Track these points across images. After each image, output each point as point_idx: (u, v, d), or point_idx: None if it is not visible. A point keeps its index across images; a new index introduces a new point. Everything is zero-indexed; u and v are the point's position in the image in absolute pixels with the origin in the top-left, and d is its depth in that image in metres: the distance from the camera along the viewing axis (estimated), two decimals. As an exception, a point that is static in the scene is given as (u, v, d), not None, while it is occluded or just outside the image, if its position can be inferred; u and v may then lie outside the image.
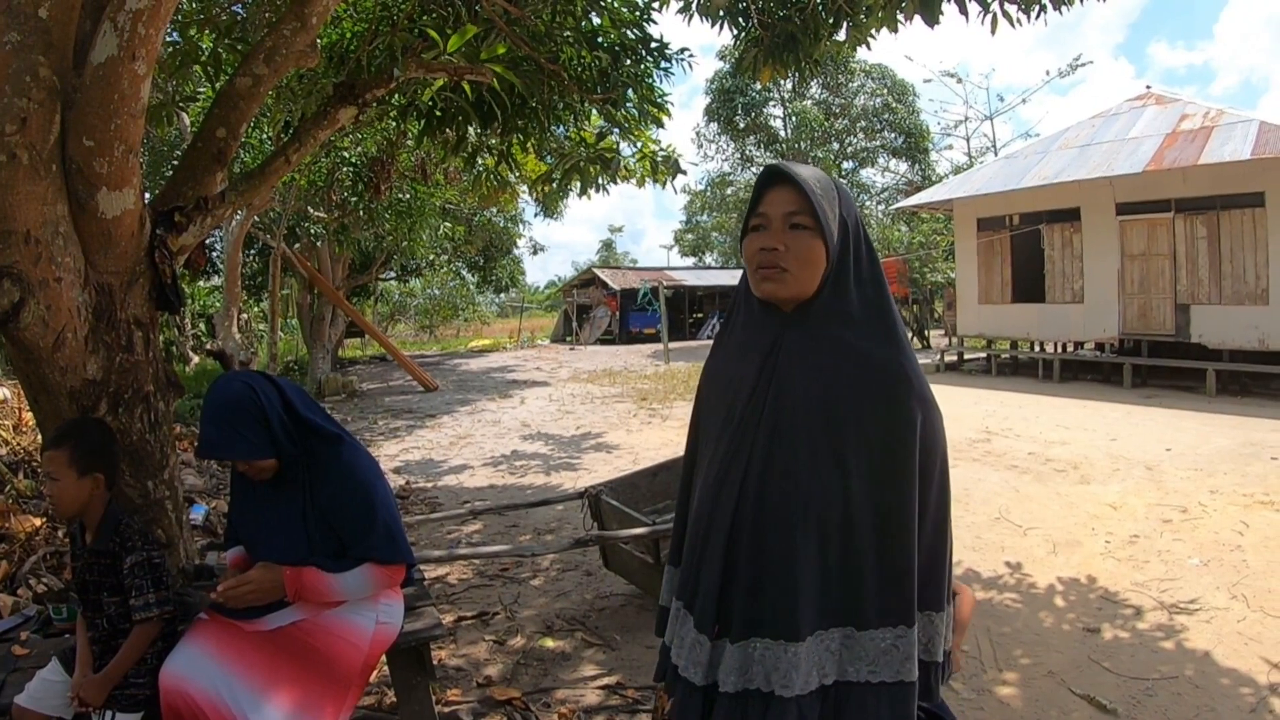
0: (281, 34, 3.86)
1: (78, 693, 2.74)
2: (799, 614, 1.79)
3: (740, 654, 1.84)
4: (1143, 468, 9.04)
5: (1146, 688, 4.31)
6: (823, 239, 1.86)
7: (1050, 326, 18.72)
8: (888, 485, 1.80)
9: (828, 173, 2.30)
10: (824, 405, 1.83)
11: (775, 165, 1.94)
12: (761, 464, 1.88)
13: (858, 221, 1.94)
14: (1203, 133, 15.79)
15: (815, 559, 1.81)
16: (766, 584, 1.84)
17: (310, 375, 20.21)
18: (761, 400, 1.91)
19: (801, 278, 1.87)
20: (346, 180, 13.76)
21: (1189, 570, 5.95)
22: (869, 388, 1.82)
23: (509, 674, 4.62)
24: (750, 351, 1.98)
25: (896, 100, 38.19)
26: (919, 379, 1.86)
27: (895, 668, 1.79)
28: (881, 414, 1.81)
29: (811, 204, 1.84)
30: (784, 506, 1.83)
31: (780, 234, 1.89)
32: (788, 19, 6.12)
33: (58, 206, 3.03)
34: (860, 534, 1.80)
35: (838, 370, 1.84)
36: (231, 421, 2.81)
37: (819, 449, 1.82)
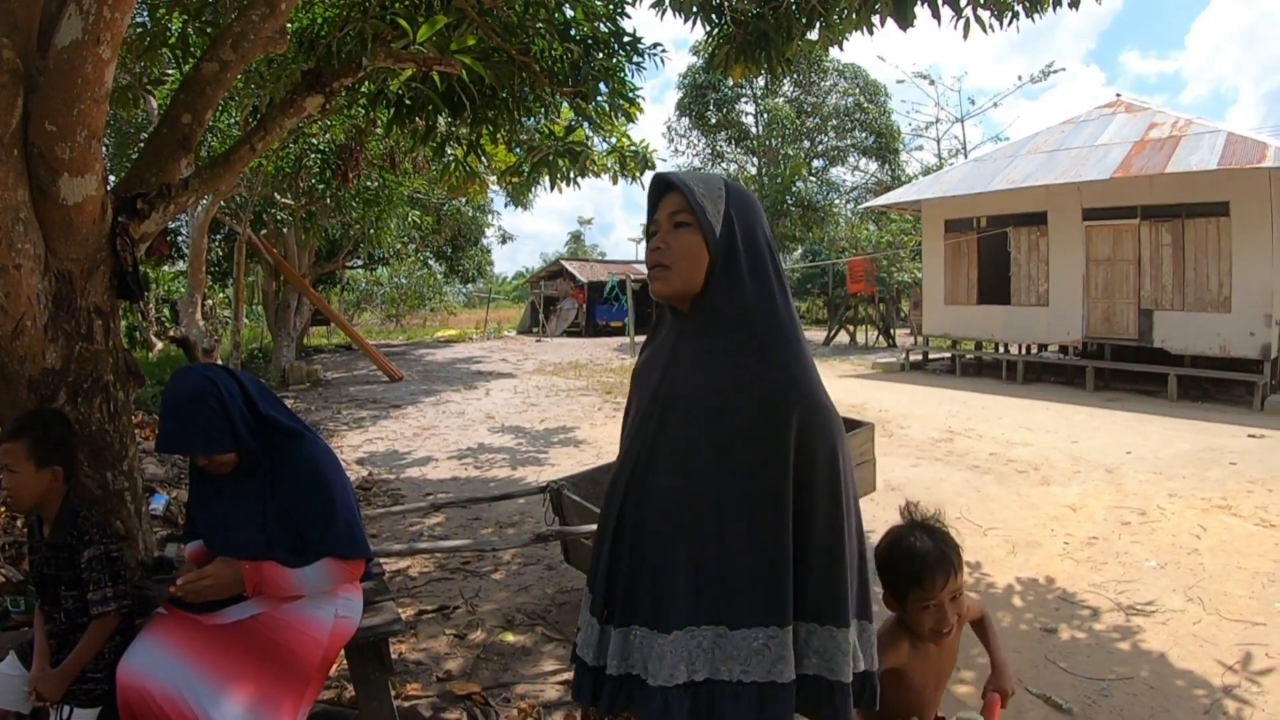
0: (250, 19, 3.81)
1: (35, 687, 2.71)
2: (670, 606, 1.87)
3: (622, 640, 1.94)
4: (1103, 470, 9.14)
5: (1102, 688, 4.36)
6: (704, 235, 1.93)
7: (1015, 328, 18.88)
8: (760, 486, 1.84)
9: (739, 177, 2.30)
10: (706, 405, 1.89)
11: (660, 173, 2.04)
12: (648, 461, 1.96)
13: (754, 218, 1.99)
14: (1171, 142, 15.98)
15: (688, 554, 1.87)
16: (643, 575, 1.93)
17: (275, 363, 20.06)
18: (657, 400, 1.99)
19: (683, 273, 1.94)
20: (314, 167, 13.63)
21: (1146, 572, 6.01)
22: (745, 388, 1.86)
23: (469, 669, 4.60)
24: (659, 353, 2.07)
25: (868, 100, 38.25)
26: (802, 379, 1.89)
27: (766, 668, 1.82)
28: (755, 414, 1.85)
29: (690, 202, 1.93)
30: (662, 503, 1.92)
31: (665, 234, 1.97)
32: (761, 17, 6.11)
33: (18, 192, 2.98)
34: (733, 533, 1.85)
35: (719, 370, 1.90)
36: (191, 415, 2.78)
37: (699, 448, 1.89)
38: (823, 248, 38.71)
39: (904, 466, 9.35)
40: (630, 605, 1.94)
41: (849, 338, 29.94)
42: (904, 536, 2.32)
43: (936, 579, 2.18)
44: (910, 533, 2.31)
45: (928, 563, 2.21)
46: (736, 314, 1.90)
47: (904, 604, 2.27)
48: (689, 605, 1.85)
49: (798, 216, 35.60)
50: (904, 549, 2.27)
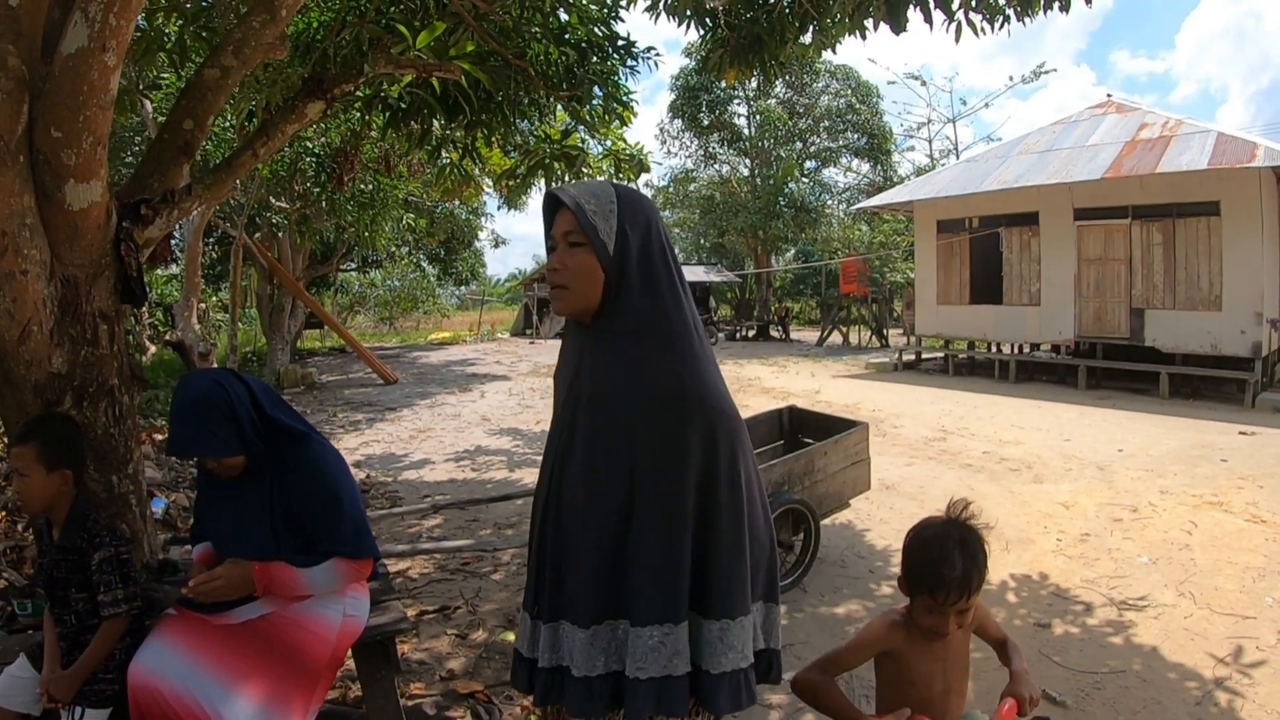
0: (250, 26, 3.84)
1: (47, 689, 2.73)
2: (582, 602, 2.00)
3: (550, 634, 2.07)
4: (1095, 468, 9.19)
5: (1095, 681, 4.40)
6: (596, 254, 1.99)
7: (1007, 328, 18.95)
8: (660, 487, 1.94)
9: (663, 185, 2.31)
10: (610, 411, 1.99)
11: (551, 190, 2.09)
12: (563, 464, 2.08)
13: (646, 230, 2.04)
14: (1161, 141, 16.07)
15: (597, 552, 1.99)
16: (564, 573, 2.05)
17: (269, 366, 20.04)
18: (566, 409, 2.11)
19: (580, 292, 2.01)
20: (309, 170, 13.65)
21: (1138, 568, 6.06)
22: (645, 393, 1.95)
23: (471, 668, 4.63)
24: (568, 361, 2.17)
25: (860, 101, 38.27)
26: (700, 389, 1.96)
27: (662, 664, 1.92)
28: (655, 418, 1.94)
29: (581, 222, 1.98)
30: (572, 508, 2.05)
31: (562, 253, 2.03)
32: (754, 21, 6.15)
33: (24, 198, 3.01)
34: (635, 532, 1.95)
35: (620, 377, 1.99)
36: (201, 419, 2.81)
37: (604, 452, 1.99)
38: (815, 249, 38.79)
39: (898, 465, 9.40)
40: (556, 602, 2.07)
41: (842, 338, 30.01)
42: (938, 540, 2.24)
43: (950, 595, 2.17)
44: (946, 539, 2.23)
45: (947, 579, 2.17)
46: (633, 326, 1.99)
47: (912, 598, 2.28)
48: (600, 602, 1.99)
49: (790, 218, 35.61)
50: (933, 553, 2.22)
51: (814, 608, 5.48)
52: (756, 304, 37.98)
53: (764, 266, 38.15)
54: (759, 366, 21.22)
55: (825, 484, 6.03)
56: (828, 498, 6.10)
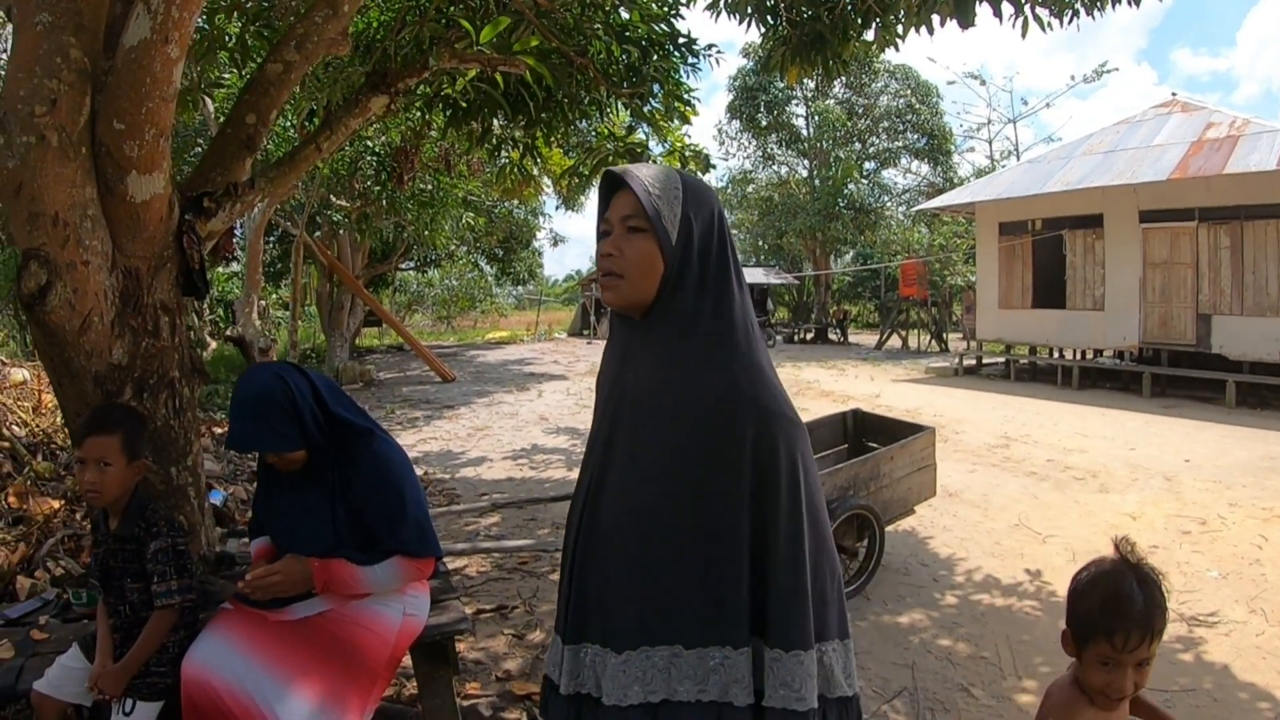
0: (313, 21, 3.85)
1: (96, 682, 2.73)
2: (621, 624, 1.80)
3: (573, 658, 1.88)
4: (1161, 478, 8.97)
5: (1165, 699, 4.25)
6: (659, 242, 1.82)
7: (1070, 333, 18.62)
8: (713, 500, 1.76)
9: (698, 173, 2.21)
10: (657, 419, 1.82)
11: (612, 169, 1.91)
12: (601, 475, 1.90)
13: (710, 221, 1.87)
14: (1228, 141, 15.67)
15: (638, 570, 1.80)
16: (593, 592, 1.87)
17: (328, 363, 20.27)
18: (609, 411, 1.93)
19: (636, 283, 1.84)
20: (370, 169, 13.78)
21: (1208, 583, 5.89)
22: (697, 400, 1.78)
23: (528, 669, 4.60)
24: (612, 360, 1.99)
25: (919, 101, 37.98)
26: (757, 391, 1.79)
27: (722, 688, 1.74)
28: (708, 428, 1.76)
29: (645, 206, 1.81)
30: (613, 519, 1.85)
31: (618, 239, 1.85)
32: (816, 18, 6.07)
33: (86, 189, 3.02)
34: (685, 549, 1.77)
35: (670, 383, 1.81)
36: (262, 414, 2.79)
37: (649, 463, 1.82)
38: (874, 251, 38.50)
39: (960, 472, 9.25)
40: (581, 624, 1.89)
41: (901, 342, 29.74)
42: (1112, 577, 1.95)
43: (1130, 638, 1.86)
44: (1121, 575, 1.94)
45: (1129, 617, 1.87)
46: (689, 325, 1.82)
47: (1082, 651, 1.97)
48: (641, 624, 1.79)
49: (849, 219, 35.38)
50: (1107, 592, 1.93)
51: (877, 616, 5.38)
52: (814, 306, 37.75)
53: (822, 268, 37.92)
54: (817, 369, 21.06)
55: (890, 489, 5.94)
56: (893, 504, 6.00)
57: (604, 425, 1.94)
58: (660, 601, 1.77)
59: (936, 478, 6.50)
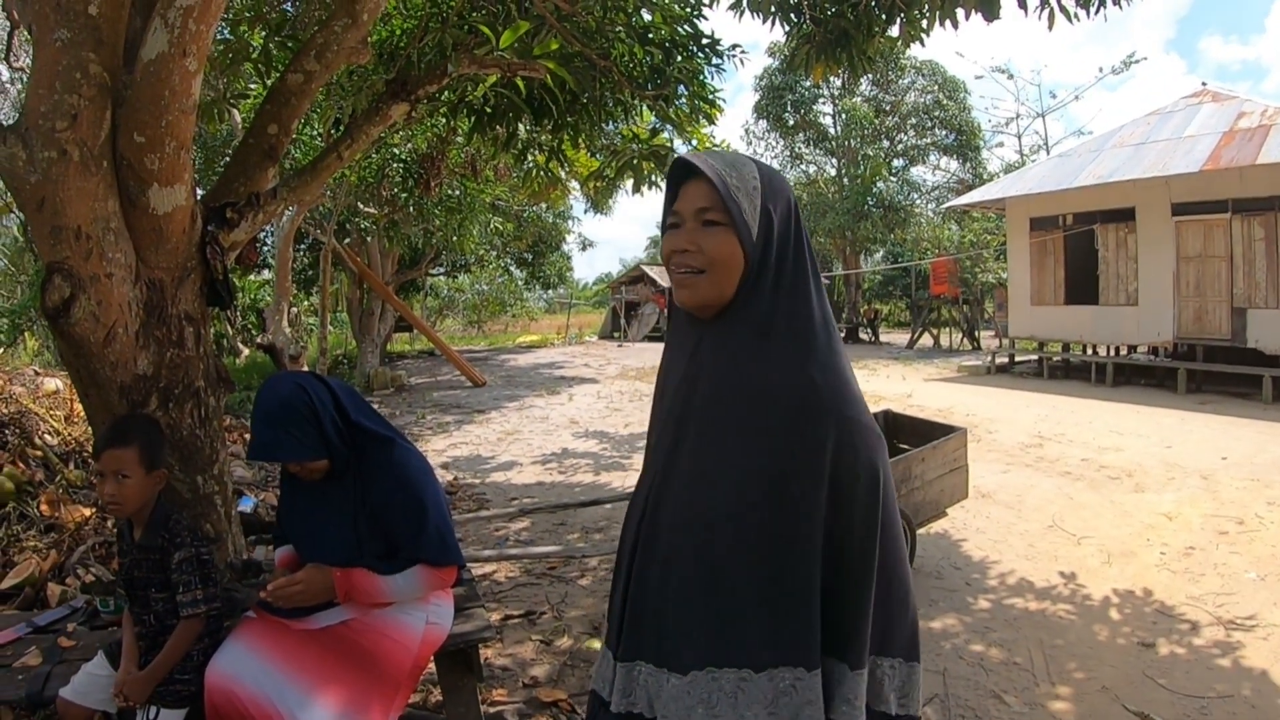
0: (333, 30, 3.86)
1: (121, 689, 2.75)
2: (681, 642, 1.69)
3: (625, 675, 1.77)
4: (1198, 476, 8.85)
5: (1202, 706, 4.20)
6: (738, 236, 1.69)
7: (1103, 329, 18.43)
8: (789, 512, 1.63)
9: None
10: (725, 422, 1.69)
11: (684, 156, 1.76)
12: (663, 484, 1.78)
13: (787, 214, 1.75)
14: (1261, 131, 15.44)
15: (705, 585, 1.68)
16: (652, 607, 1.75)
17: (359, 369, 20.39)
18: (673, 416, 1.80)
19: (718, 281, 1.71)
20: (397, 176, 13.84)
21: (1246, 584, 5.80)
22: (771, 402, 1.66)
23: (555, 675, 4.59)
24: (676, 360, 1.87)
25: (947, 97, 37.75)
26: (838, 397, 1.67)
27: (794, 711, 1.61)
28: (782, 431, 1.64)
29: (723, 198, 1.68)
30: (677, 530, 1.73)
31: (693, 233, 1.72)
32: (840, 15, 6.04)
33: (108, 203, 3.05)
34: (757, 563, 1.65)
35: (742, 384, 1.69)
36: (283, 423, 2.81)
37: (721, 472, 1.69)
38: (905, 249, 38.30)
39: (994, 473, 9.17)
40: (636, 640, 1.77)
41: (933, 340, 29.60)
42: None
43: None
44: None
45: None
46: (767, 326, 1.69)
47: None
48: (705, 642, 1.66)
49: (879, 218, 35.20)
50: None
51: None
52: (845, 306, 37.58)
53: (852, 268, 37.75)
54: (848, 369, 20.93)
55: (922, 491, 5.89)
56: (925, 505, 5.95)
57: (668, 430, 1.81)
58: (728, 619, 1.65)
59: (969, 479, 6.45)
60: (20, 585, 4.68)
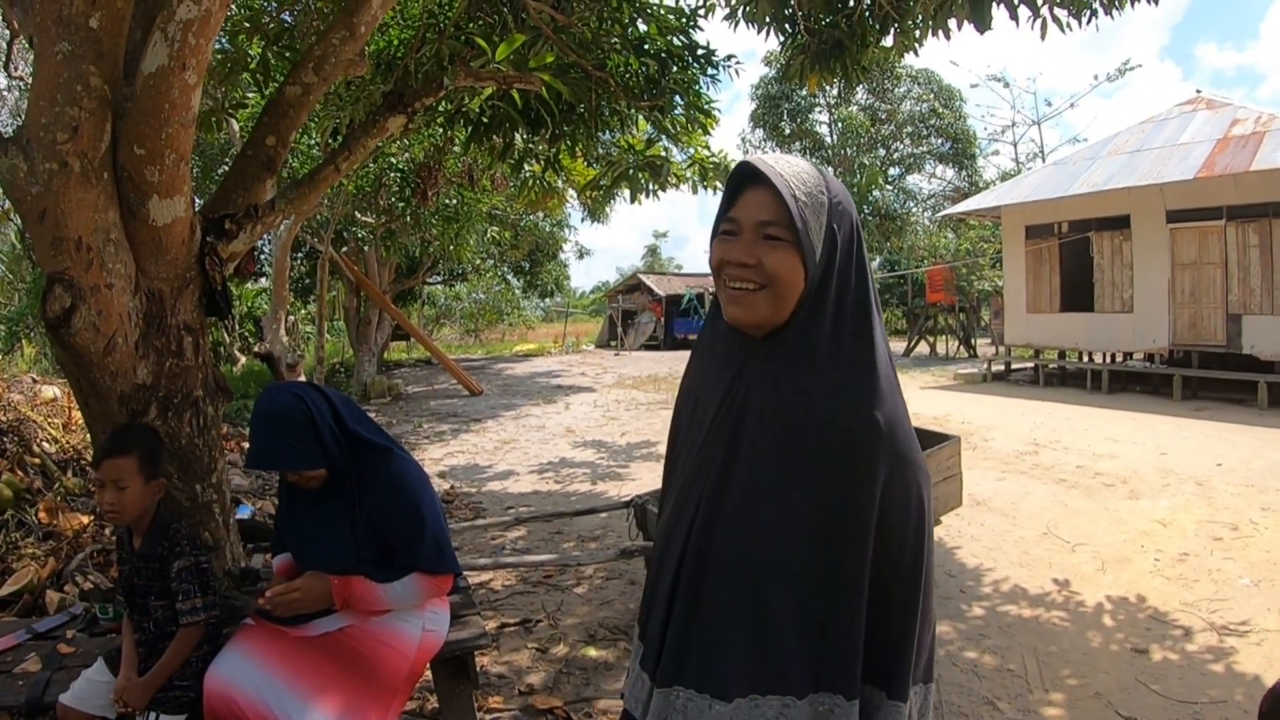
0: (330, 43, 3.89)
1: (120, 696, 2.77)
2: (725, 670, 1.64)
3: (662, 701, 1.71)
4: (1193, 483, 8.87)
5: (1195, 712, 4.23)
6: (801, 255, 1.60)
7: (1099, 336, 18.46)
8: (836, 544, 1.59)
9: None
10: (779, 452, 1.63)
11: (751, 161, 1.64)
12: (710, 509, 1.70)
13: (851, 235, 1.66)
14: (1255, 138, 15.52)
15: (752, 614, 1.63)
16: (697, 633, 1.69)
17: (356, 378, 20.40)
18: (719, 437, 1.72)
19: (777, 301, 1.62)
20: (394, 186, 13.88)
21: (1240, 590, 5.82)
22: (828, 437, 1.60)
23: (551, 682, 4.61)
24: (718, 376, 1.78)
25: (943, 105, 37.94)
26: (894, 430, 1.62)
27: None
28: (838, 467, 1.59)
29: (790, 214, 1.58)
30: (724, 557, 1.67)
31: (752, 245, 1.62)
32: (834, 25, 6.08)
33: (109, 214, 3.08)
34: (810, 594, 1.61)
35: (797, 415, 1.62)
36: (281, 433, 2.84)
37: (768, 500, 1.64)
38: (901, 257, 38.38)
39: (989, 480, 9.19)
40: (679, 666, 1.70)
41: (929, 348, 29.61)
42: None
43: None
44: None
45: None
46: (828, 354, 1.63)
47: None
48: (751, 669, 1.62)
49: (875, 226, 35.34)
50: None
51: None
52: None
53: (849, 276, 37.77)
54: (843, 377, 20.94)
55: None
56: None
57: (713, 452, 1.73)
58: (777, 648, 1.62)
59: (963, 487, 6.47)
60: (19, 592, 4.70)
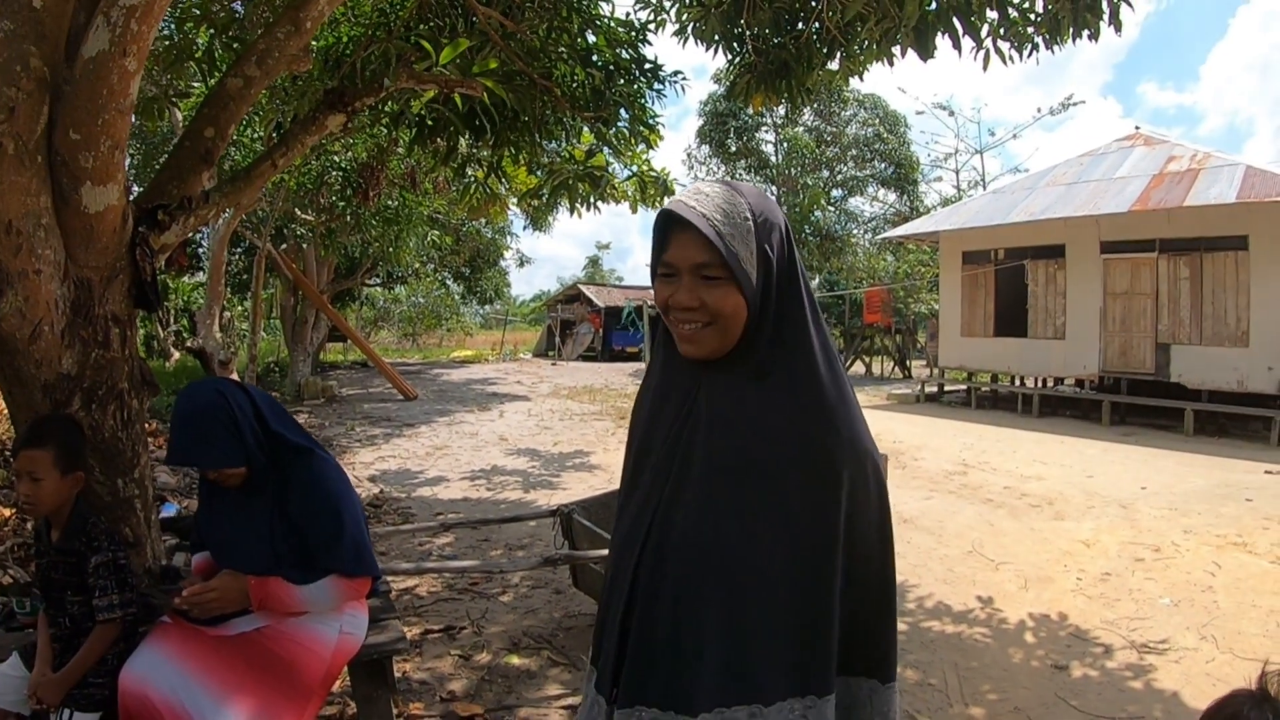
0: (275, 37, 3.85)
1: (35, 692, 2.72)
2: (695, 683, 1.63)
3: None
4: (1117, 505, 9.07)
5: (1113, 729, 4.31)
6: (740, 287, 1.64)
7: (1031, 361, 18.81)
8: (805, 549, 1.63)
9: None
10: (737, 465, 1.66)
11: (672, 208, 1.67)
12: (664, 526, 1.72)
13: (782, 245, 1.70)
14: (1189, 175, 15.95)
15: (719, 624, 1.64)
16: (659, 651, 1.68)
17: (290, 378, 20.15)
18: (673, 456, 1.75)
19: (722, 333, 1.67)
20: (336, 184, 13.76)
21: (1160, 610, 5.96)
22: (788, 443, 1.64)
23: (473, 690, 4.59)
24: (670, 396, 1.82)
25: (888, 130, 38.35)
26: (847, 430, 1.67)
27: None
28: (800, 471, 1.63)
29: (723, 254, 1.62)
30: (682, 574, 1.68)
31: (692, 288, 1.66)
32: (782, 46, 6.13)
33: (41, 199, 3.01)
34: (770, 602, 1.63)
35: (754, 425, 1.67)
36: (202, 429, 2.81)
37: (727, 513, 1.65)
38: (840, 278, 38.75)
39: (917, 499, 9.29)
40: (641, 685, 1.68)
41: (864, 368, 29.99)
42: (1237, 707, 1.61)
43: None
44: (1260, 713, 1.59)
45: None
46: (773, 362, 1.68)
47: None
48: (718, 682, 1.62)
49: (815, 246, 35.64)
50: None
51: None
52: (779, 331, 37.88)
53: (788, 294, 38.04)
54: (779, 394, 21.08)
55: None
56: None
57: (665, 470, 1.76)
58: (744, 658, 1.62)
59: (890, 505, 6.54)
60: (-67, 585, 4.59)
